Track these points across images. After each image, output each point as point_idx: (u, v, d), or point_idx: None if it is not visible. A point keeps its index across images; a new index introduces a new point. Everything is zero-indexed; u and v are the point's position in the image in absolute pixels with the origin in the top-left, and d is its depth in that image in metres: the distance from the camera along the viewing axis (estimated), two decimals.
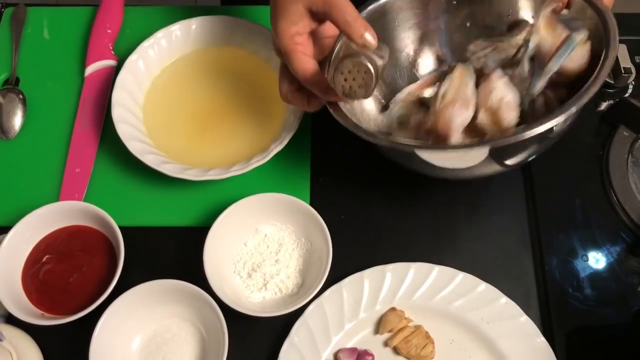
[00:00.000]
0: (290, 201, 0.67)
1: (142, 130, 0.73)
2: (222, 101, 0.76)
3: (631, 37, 0.81)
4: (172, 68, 0.78)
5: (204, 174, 0.68)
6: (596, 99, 0.78)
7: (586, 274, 0.67)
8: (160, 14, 0.84)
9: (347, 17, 0.54)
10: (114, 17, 0.82)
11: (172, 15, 0.83)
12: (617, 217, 0.70)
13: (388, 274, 0.67)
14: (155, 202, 0.72)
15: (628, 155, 0.73)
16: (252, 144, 0.73)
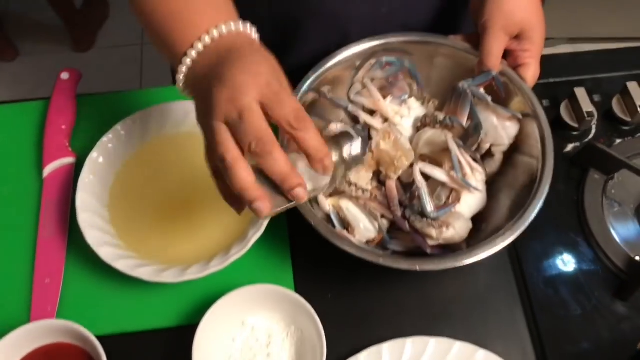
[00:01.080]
0: (275, 291, 0.65)
1: (110, 232, 0.70)
2: (191, 189, 0.74)
3: (587, 76, 0.83)
4: (135, 160, 0.75)
5: (181, 274, 0.65)
6: (561, 142, 0.78)
7: (580, 328, 0.67)
8: (114, 101, 0.82)
9: (310, 143, 0.50)
10: (67, 111, 0.79)
11: (127, 101, 0.81)
12: (602, 263, 0.70)
13: (385, 353, 0.65)
14: (134, 305, 0.69)
15: (602, 198, 0.73)
16: (228, 230, 0.71)
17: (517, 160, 0.69)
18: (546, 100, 0.81)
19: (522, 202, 0.65)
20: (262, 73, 0.50)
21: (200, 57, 0.53)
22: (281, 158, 0.48)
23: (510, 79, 0.67)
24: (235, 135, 0.48)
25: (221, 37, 0.53)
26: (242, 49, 0.53)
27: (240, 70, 0.50)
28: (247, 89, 0.48)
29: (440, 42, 0.70)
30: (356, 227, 0.64)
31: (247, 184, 0.48)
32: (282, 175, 0.49)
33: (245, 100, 0.48)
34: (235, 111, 0.48)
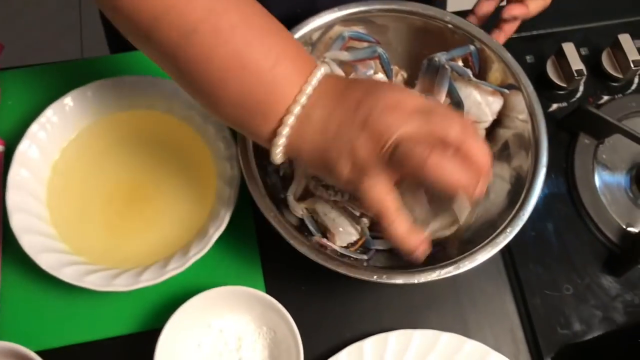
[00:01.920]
0: (242, 292, 0.59)
1: (51, 234, 0.61)
2: (141, 177, 0.65)
3: (573, 27, 0.76)
4: (73, 147, 0.66)
5: (135, 281, 0.58)
6: (546, 101, 0.72)
7: (572, 307, 0.63)
8: (44, 75, 0.71)
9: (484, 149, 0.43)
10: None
11: (59, 75, 0.70)
12: (593, 236, 0.66)
13: (367, 350, 0.60)
14: (85, 314, 0.61)
15: (593, 165, 0.68)
16: (186, 225, 0.63)
17: (498, 134, 0.62)
18: (530, 56, 0.74)
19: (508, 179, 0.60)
20: (398, 101, 0.43)
21: (298, 121, 0.45)
22: (457, 164, 0.42)
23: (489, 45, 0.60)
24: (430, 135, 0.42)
25: (314, 90, 0.45)
26: (353, 87, 0.45)
27: (373, 109, 0.43)
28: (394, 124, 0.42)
29: (406, 9, 0.62)
30: (335, 232, 0.57)
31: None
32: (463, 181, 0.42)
33: (392, 132, 0.42)
34: (385, 150, 0.42)
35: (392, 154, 0.42)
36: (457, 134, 0.41)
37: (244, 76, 0.45)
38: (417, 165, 0.40)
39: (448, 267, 0.53)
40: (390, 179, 0.43)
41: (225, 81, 0.45)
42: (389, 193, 0.44)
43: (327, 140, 0.44)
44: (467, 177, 0.41)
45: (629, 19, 0.75)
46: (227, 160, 0.62)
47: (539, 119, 0.57)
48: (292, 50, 0.47)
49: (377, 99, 0.43)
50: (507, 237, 0.54)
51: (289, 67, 0.45)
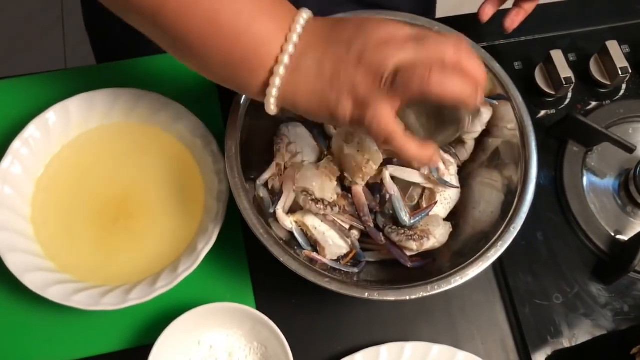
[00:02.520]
0: (232, 308, 0.58)
1: (37, 252, 0.60)
2: (128, 191, 0.64)
3: (561, 32, 0.76)
4: (57, 162, 0.64)
5: (124, 299, 0.57)
6: (534, 108, 0.72)
7: (561, 316, 0.63)
8: (24, 87, 0.69)
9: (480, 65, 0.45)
10: None
11: (41, 86, 0.69)
12: (582, 244, 0.66)
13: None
14: (73, 331, 0.61)
15: (582, 173, 0.68)
16: (174, 240, 0.62)
17: (487, 143, 0.62)
18: (518, 63, 0.73)
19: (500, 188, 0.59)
20: (386, 31, 0.44)
21: (295, 56, 0.46)
22: (457, 75, 0.43)
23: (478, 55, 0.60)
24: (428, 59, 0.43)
25: (299, 37, 0.46)
26: (339, 26, 0.46)
27: (364, 43, 0.44)
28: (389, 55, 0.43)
29: (395, 19, 0.61)
30: (325, 245, 0.56)
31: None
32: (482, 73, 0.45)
33: (404, 31, 0.44)
34: (407, 41, 0.44)
35: (392, 82, 0.43)
36: (452, 54, 0.43)
37: (221, 39, 0.46)
38: (421, 86, 0.42)
39: (439, 282, 0.53)
40: (392, 107, 0.44)
41: (205, 44, 0.46)
42: (393, 119, 0.44)
43: (323, 83, 0.45)
44: (468, 87, 0.43)
45: (616, 25, 0.75)
46: (215, 175, 0.61)
47: (528, 132, 0.57)
48: (268, 4, 0.47)
49: (368, 34, 0.44)
50: (497, 251, 0.54)
51: (266, 21, 0.46)
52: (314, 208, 0.57)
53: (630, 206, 0.67)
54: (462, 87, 0.43)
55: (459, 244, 0.59)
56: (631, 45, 0.74)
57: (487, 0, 0.65)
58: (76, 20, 1.76)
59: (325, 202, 0.56)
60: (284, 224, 0.57)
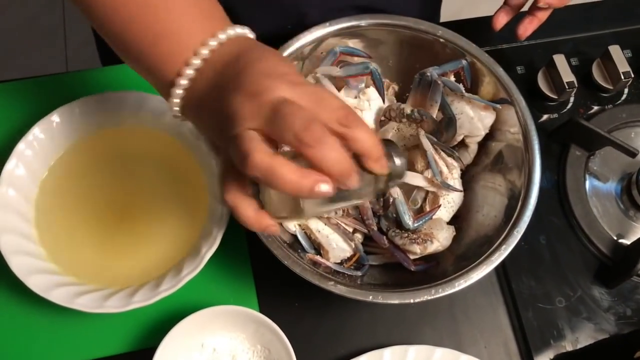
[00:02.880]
0: (235, 311, 0.58)
1: (40, 254, 0.60)
2: (132, 194, 0.64)
3: (563, 37, 0.76)
4: (62, 165, 0.65)
5: (127, 302, 0.57)
6: (536, 112, 0.72)
7: (564, 320, 0.63)
8: (29, 90, 0.70)
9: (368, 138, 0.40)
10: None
11: (45, 89, 0.69)
12: (585, 248, 0.66)
13: None
14: (75, 334, 0.61)
15: (584, 177, 0.68)
16: (178, 243, 0.62)
17: (491, 147, 0.62)
18: (520, 67, 0.74)
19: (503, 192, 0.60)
20: (287, 73, 0.41)
21: (199, 75, 0.43)
22: (337, 144, 0.38)
23: (480, 59, 0.60)
24: (271, 135, 0.39)
25: (221, 46, 0.44)
26: (251, 52, 0.43)
27: (260, 74, 0.40)
28: (276, 87, 0.39)
29: (398, 23, 0.62)
30: (329, 248, 0.57)
31: (298, 174, 0.38)
32: (340, 163, 0.38)
33: (276, 94, 0.39)
34: (265, 108, 0.39)
35: (229, 145, 0.40)
36: (292, 138, 0.38)
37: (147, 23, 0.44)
38: (243, 161, 0.38)
39: (443, 286, 0.53)
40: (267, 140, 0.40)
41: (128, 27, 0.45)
42: (236, 179, 0.42)
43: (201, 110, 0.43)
44: (300, 179, 0.38)
45: (618, 29, 0.76)
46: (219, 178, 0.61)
47: (532, 136, 0.57)
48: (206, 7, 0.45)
49: (243, 83, 0.41)
50: (501, 255, 0.54)
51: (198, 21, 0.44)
52: None
53: (633, 210, 0.67)
54: (293, 178, 0.38)
55: (463, 247, 0.59)
56: (633, 50, 0.74)
57: (500, 9, 0.65)
58: (78, 24, 1.77)
59: None
60: (288, 227, 0.57)
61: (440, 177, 0.56)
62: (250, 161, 0.38)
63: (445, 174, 0.57)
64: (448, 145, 0.59)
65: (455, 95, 0.59)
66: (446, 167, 0.57)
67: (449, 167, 0.57)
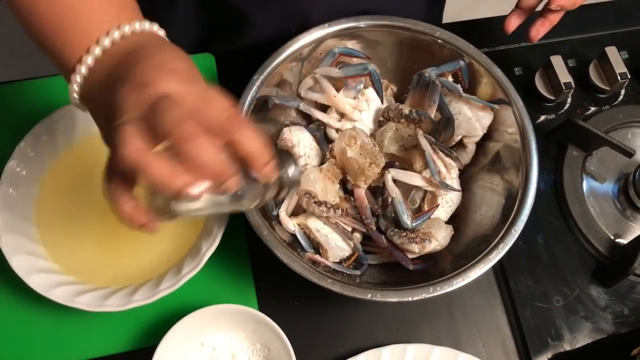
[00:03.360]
0: (235, 310, 0.59)
1: (41, 254, 0.61)
2: None
3: (561, 38, 0.76)
4: (62, 165, 0.65)
5: (127, 301, 0.57)
6: (534, 113, 0.73)
7: (562, 319, 0.64)
8: (30, 91, 0.70)
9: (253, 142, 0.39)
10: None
11: (46, 90, 0.70)
12: (582, 247, 0.66)
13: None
14: (76, 333, 0.61)
15: (581, 177, 0.68)
16: (178, 242, 0.63)
17: (489, 147, 0.63)
18: (518, 68, 0.74)
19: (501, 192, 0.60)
20: (180, 69, 0.40)
21: (98, 64, 0.43)
22: (212, 144, 0.37)
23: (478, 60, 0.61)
24: (148, 131, 0.38)
25: (123, 38, 0.43)
26: (150, 47, 0.43)
27: (150, 68, 0.40)
28: (163, 81, 0.38)
29: (396, 25, 0.62)
30: (328, 247, 0.57)
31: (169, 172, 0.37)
32: (214, 162, 0.37)
33: (159, 88, 0.38)
34: (147, 100, 0.38)
35: (111, 135, 0.39)
36: (167, 128, 0.37)
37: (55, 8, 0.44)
38: (116, 151, 0.38)
39: (441, 284, 0.53)
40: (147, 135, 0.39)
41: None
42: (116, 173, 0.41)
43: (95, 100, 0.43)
44: (172, 175, 0.37)
45: (615, 31, 0.76)
46: None
47: (529, 136, 0.57)
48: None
49: (134, 74, 0.40)
50: (499, 254, 0.54)
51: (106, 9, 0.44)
52: (316, 210, 0.57)
53: (630, 210, 0.68)
54: (165, 173, 0.37)
55: (461, 246, 0.60)
56: (630, 51, 0.75)
57: (513, 12, 0.64)
58: None
59: (328, 204, 0.57)
60: (287, 226, 0.58)
61: (439, 176, 0.57)
62: (120, 153, 0.37)
63: (443, 174, 0.57)
64: (446, 145, 0.60)
65: (453, 95, 0.60)
66: (444, 167, 0.57)
67: (447, 167, 0.58)
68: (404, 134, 0.59)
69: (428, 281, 0.54)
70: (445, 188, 0.57)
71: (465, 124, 0.59)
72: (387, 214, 0.57)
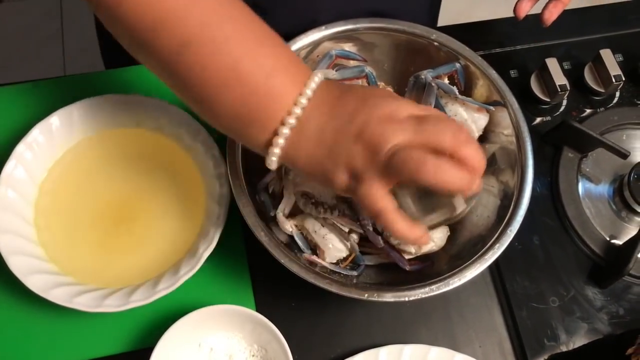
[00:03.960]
0: (232, 310, 0.59)
1: (39, 255, 0.61)
2: (130, 196, 0.65)
3: (555, 41, 0.77)
4: (60, 167, 0.65)
5: (125, 301, 0.57)
6: (529, 115, 0.73)
7: (558, 319, 0.64)
8: (28, 93, 0.70)
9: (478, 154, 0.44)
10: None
11: (43, 92, 0.70)
12: (578, 248, 0.67)
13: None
14: (74, 333, 0.61)
15: (577, 178, 0.69)
16: (175, 243, 0.63)
17: (484, 149, 0.63)
18: (514, 71, 0.75)
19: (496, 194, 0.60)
20: (399, 97, 0.47)
21: (302, 118, 0.46)
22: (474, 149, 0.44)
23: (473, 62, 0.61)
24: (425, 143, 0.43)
25: (315, 93, 0.46)
26: (356, 86, 0.48)
27: (382, 96, 0.45)
28: (402, 105, 0.45)
29: (393, 27, 0.63)
30: (325, 248, 0.57)
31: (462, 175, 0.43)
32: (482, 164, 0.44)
33: (408, 110, 0.45)
34: (408, 122, 0.44)
35: (388, 163, 0.43)
36: (450, 141, 0.43)
37: (238, 87, 0.45)
38: (415, 172, 0.42)
39: (437, 284, 0.53)
40: (386, 184, 0.44)
41: (220, 92, 0.46)
42: (385, 195, 0.44)
43: (323, 151, 0.45)
44: (462, 178, 0.42)
45: (610, 34, 0.77)
46: (216, 179, 0.62)
47: (524, 137, 0.58)
48: (287, 60, 0.47)
49: (371, 109, 0.44)
50: (495, 254, 0.55)
51: (283, 77, 0.46)
52: (314, 211, 0.58)
53: (625, 211, 0.68)
54: (456, 176, 0.42)
55: (457, 247, 0.60)
56: (624, 54, 0.76)
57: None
58: (76, 31, 1.78)
59: (325, 205, 0.57)
60: (285, 227, 0.58)
61: None
62: (425, 166, 0.42)
63: None
64: None
65: (449, 97, 0.60)
66: None
67: None
68: None
69: (425, 281, 0.54)
70: None
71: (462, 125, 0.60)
72: None
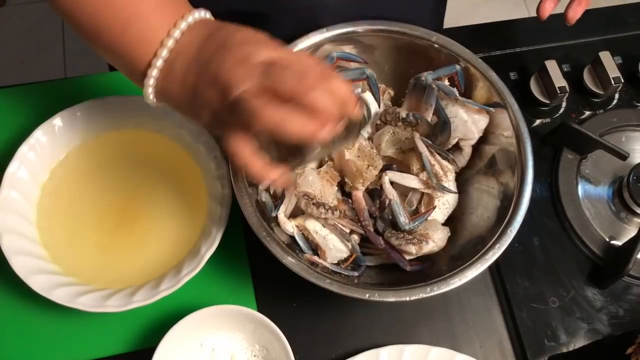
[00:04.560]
0: (234, 310, 0.59)
1: (42, 255, 0.61)
2: (132, 197, 0.65)
3: (555, 44, 0.78)
4: (63, 168, 0.66)
5: (128, 302, 0.58)
6: (529, 117, 0.74)
7: (558, 320, 0.64)
8: (31, 95, 0.71)
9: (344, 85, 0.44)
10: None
11: (46, 94, 0.70)
12: (577, 249, 0.67)
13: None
14: (76, 334, 0.62)
15: (576, 179, 0.69)
16: (178, 243, 0.64)
17: (484, 151, 0.64)
18: (513, 73, 0.75)
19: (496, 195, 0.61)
20: (262, 39, 0.44)
21: (169, 63, 0.47)
22: (341, 80, 0.43)
23: (474, 64, 0.62)
24: (270, 90, 0.41)
25: (184, 34, 0.47)
26: (225, 28, 0.46)
27: (242, 42, 0.44)
28: (258, 52, 0.43)
29: (393, 29, 0.63)
30: (326, 249, 0.58)
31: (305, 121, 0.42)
32: (333, 108, 0.42)
33: (260, 57, 0.42)
34: (254, 71, 0.42)
35: (231, 110, 0.43)
36: (291, 87, 0.41)
37: (114, 22, 0.48)
38: (250, 120, 0.41)
39: (438, 284, 0.54)
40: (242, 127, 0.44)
41: (99, 27, 0.48)
42: (240, 138, 0.44)
43: (187, 93, 0.47)
44: (303, 126, 0.41)
45: (609, 36, 0.77)
46: (218, 180, 0.63)
47: (524, 139, 0.58)
48: None
49: (227, 53, 0.44)
50: (495, 254, 0.55)
51: (159, 13, 0.48)
52: (315, 212, 0.58)
53: (624, 212, 0.69)
54: (296, 125, 0.41)
55: (457, 248, 0.60)
56: (623, 56, 0.76)
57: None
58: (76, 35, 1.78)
59: (326, 206, 0.58)
60: (286, 228, 0.58)
61: (435, 179, 0.58)
62: (261, 116, 0.41)
63: (440, 176, 0.58)
64: (443, 148, 0.61)
65: (449, 99, 0.61)
66: (441, 169, 0.58)
67: (443, 169, 0.59)
68: (401, 137, 0.60)
69: (425, 281, 0.55)
70: (442, 190, 0.58)
71: (462, 127, 0.60)
72: (384, 215, 0.58)
